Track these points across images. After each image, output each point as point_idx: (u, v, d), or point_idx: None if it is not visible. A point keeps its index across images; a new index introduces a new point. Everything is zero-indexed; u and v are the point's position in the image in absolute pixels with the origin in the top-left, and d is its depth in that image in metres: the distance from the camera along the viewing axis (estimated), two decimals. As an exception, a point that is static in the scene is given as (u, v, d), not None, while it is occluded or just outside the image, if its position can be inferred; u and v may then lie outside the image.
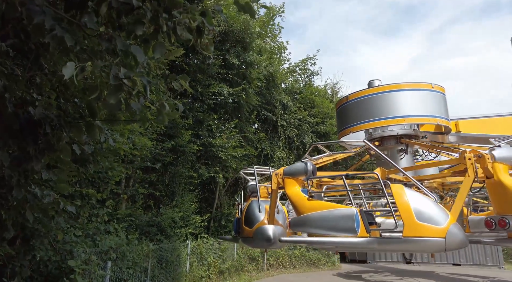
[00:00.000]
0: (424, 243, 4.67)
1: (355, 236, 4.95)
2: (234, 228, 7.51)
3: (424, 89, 7.42)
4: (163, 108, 2.85)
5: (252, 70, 18.89)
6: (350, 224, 5.00)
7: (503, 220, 5.02)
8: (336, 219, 5.15)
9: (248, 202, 7.12)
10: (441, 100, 7.50)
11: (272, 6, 24.11)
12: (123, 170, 9.76)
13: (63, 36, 2.30)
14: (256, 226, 6.49)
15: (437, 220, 4.72)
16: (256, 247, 6.95)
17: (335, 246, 5.28)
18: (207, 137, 16.73)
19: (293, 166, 6.33)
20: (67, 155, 3.94)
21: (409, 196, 4.89)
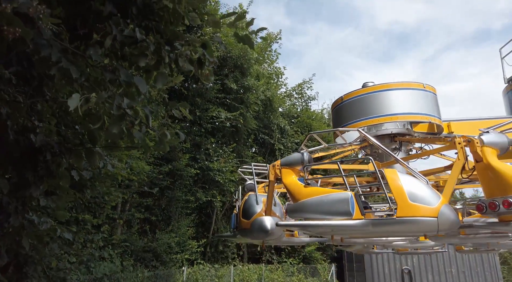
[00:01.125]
0: (417, 223, 4.77)
1: (350, 218, 4.96)
2: (232, 225, 7.57)
3: (415, 88, 7.63)
4: (164, 137, 2.90)
5: (250, 94, 19.15)
6: (345, 207, 5.01)
7: (493, 202, 5.04)
8: (331, 203, 5.16)
9: (245, 196, 7.18)
10: (433, 99, 7.71)
11: (269, 33, 24.75)
12: (119, 194, 9.70)
13: (69, 68, 2.37)
14: (253, 217, 6.54)
15: (429, 201, 4.83)
16: (254, 239, 6.87)
17: (330, 230, 5.28)
18: (205, 160, 16.72)
19: (290, 156, 6.38)
20: (66, 182, 3.95)
21: (402, 179, 5.00)
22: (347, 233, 5.55)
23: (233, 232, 7.38)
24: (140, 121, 2.73)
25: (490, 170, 5.31)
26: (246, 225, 6.65)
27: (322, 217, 5.14)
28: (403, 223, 4.79)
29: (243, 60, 18.63)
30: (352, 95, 7.86)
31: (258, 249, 19.43)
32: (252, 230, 6.38)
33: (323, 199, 5.30)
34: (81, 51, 2.85)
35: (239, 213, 6.98)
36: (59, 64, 2.37)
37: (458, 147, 5.54)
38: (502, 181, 5.15)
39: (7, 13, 1.82)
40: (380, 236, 6.18)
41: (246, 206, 6.91)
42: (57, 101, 4.07)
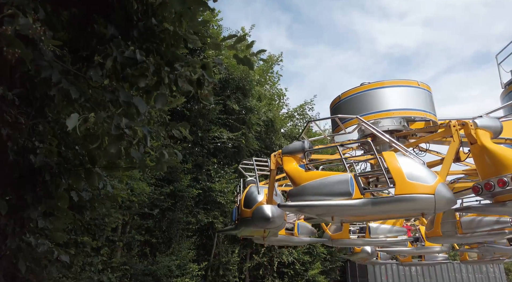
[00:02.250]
0: (415, 200, 4.91)
1: (350, 198, 5.08)
2: (233, 217, 7.72)
3: (410, 86, 7.83)
4: (162, 157, 2.90)
5: (251, 115, 19.25)
6: (345, 187, 5.14)
7: (488, 183, 5.19)
8: (332, 184, 5.29)
9: (246, 188, 7.37)
10: (428, 97, 7.89)
11: (271, 55, 25.15)
12: (120, 216, 9.61)
13: (69, 89, 2.40)
14: (254, 206, 6.69)
15: (426, 179, 5.00)
16: (256, 227, 6.95)
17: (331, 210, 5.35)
18: (206, 181, 16.63)
19: (291, 144, 6.59)
20: (64, 203, 3.92)
21: (400, 160, 5.18)
22: (348, 213, 5.50)
23: (235, 225, 7.43)
24: (139, 141, 2.74)
25: (485, 151, 5.45)
26: (248, 214, 6.76)
27: (323, 199, 5.24)
28: (402, 201, 4.91)
29: (245, 82, 18.85)
30: (350, 93, 8.08)
31: (261, 272, 19.00)
32: (254, 218, 6.49)
33: (323, 181, 5.41)
34: (82, 73, 2.90)
35: (241, 204, 7.06)
36: (59, 85, 2.40)
37: (453, 129, 5.81)
38: (496, 161, 5.26)
39: (8, 34, 1.86)
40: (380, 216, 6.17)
41: (248, 196, 7.05)
42: (58, 122, 4.10)
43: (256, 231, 7.45)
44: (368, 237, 9.85)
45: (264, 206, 6.67)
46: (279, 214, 6.66)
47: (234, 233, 8.00)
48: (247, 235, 8.12)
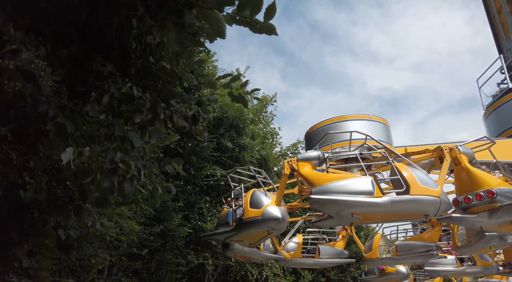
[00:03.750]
0: (426, 201, 6.05)
1: (372, 196, 6.03)
2: (230, 219, 8.14)
3: (366, 119, 9.74)
4: (156, 191, 2.86)
5: (245, 153, 19.30)
6: (367, 187, 6.11)
7: (467, 197, 6.52)
8: (355, 184, 6.22)
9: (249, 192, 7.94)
10: (382, 127, 9.76)
11: (265, 96, 25.73)
12: (107, 257, 9.23)
13: (65, 123, 2.41)
14: (264, 207, 7.27)
15: (432, 185, 6.28)
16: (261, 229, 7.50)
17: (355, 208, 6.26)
18: (198, 220, 16.26)
19: (307, 153, 7.61)
20: (52, 240, 3.79)
21: (410, 169, 6.41)
22: (370, 210, 6.33)
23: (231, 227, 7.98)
24: (132, 175, 2.72)
25: (466, 171, 6.95)
26: (256, 214, 7.33)
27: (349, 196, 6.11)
28: (416, 200, 6.01)
29: (239, 120, 19.10)
30: (318, 126, 10.16)
31: None
32: (264, 218, 7.14)
33: (348, 182, 6.32)
34: (78, 108, 2.93)
35: (246, 205, 7.60)
36: (56, 119, 2.42)
37: (445, 152, 7.40)
38: (474, 180, 6.71)
39: (9, 68, 1.90)
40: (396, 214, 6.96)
41: (255, 197, 7.64)
42: (50, 158, 4.07)
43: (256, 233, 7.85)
44: (317, 258, 11.38)
45: (275, 207, 7.30)
46: (285, 216, 7.44)
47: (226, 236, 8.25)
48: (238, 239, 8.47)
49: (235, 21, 2.85)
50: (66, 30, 2.95)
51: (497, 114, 12.67)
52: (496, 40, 15.56)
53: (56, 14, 2.76)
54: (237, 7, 2.76)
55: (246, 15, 2.72)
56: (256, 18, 2.73)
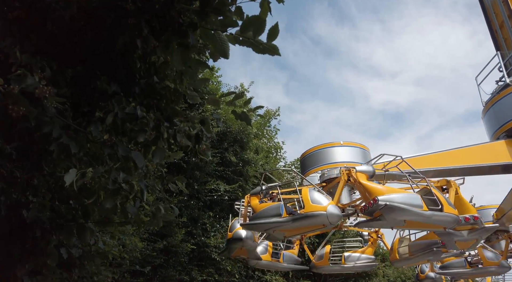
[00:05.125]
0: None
1: (422, 209, 8.00)
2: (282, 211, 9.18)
3: (351, 146, 11.83)
4: (158, 212, 2.84)
5: (249, 167, 19.25)
6: (419, 202, 8.10)
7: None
8: (413, 198, 8.20)
9: (305, 190, 9.19)
10: (363, 153, 11.81)
11: (268, 110, 25.85)
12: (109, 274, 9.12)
13: (69, 144, 2.42)
14: (328, 204, 8.59)
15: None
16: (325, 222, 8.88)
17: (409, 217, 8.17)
18: (201, 236, 16.10)
19: (365, 167, 9.77)
20: (53, 260, 3.75)
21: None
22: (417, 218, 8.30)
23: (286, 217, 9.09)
24: (135, 195, 2.70)
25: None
26: (320, 209, 8.69)
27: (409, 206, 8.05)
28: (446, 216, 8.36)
29: (242, 135, 19.13)
30: (311, 150, 12.27)
31: None
32: (328, 213, 8.45)
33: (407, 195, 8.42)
34: (82, 127, 2.95)
35: (306, 200, 8.87)
36: (60, 139, 2.42)
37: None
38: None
39: (15, 93, 1.92)
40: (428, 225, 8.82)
41: (316, 196, 8.94)
42: (54, 176, 4.07)
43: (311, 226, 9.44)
44: (343, 264, 13.38)
45: (336, 206, 8.88)
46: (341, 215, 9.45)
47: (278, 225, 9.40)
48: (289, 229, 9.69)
49: (238, 41, 2.87)
50: (72, 50, 2.99)
51: (494, 110, 12.89)
52: (498, 54, 15.58)
53: (62, 36, 2.81)
54: (241, 28, 2.80)
55: (249, 36, 2.74)
56: (259, 39, 2.76)
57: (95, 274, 8.41)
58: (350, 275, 23.94)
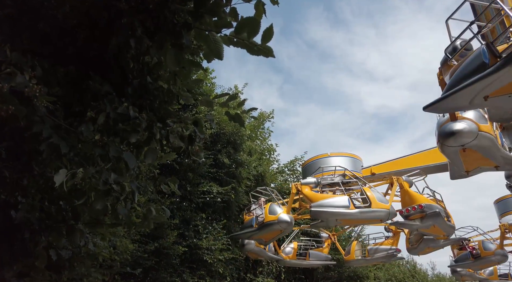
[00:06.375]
0: (381, 211, 10.13)
1: (349, 208, 9.89)
2: (253, 223, 11.61)
3: (344, 156, 14.01)
4: (149, 214, 2.81)
5: (242, 169, 19.20)
6: (346, 203, 10.10)
7: (407, 209, 10.54)
8: (339, 201, 10.28)
9: (267, 205, 11.85)
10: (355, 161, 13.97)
11: (262, 112, 25.83)
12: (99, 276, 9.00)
13: (59, 144, 2.38)
14: (279, 214, 10.97)
15: (385, 201, 10.66)
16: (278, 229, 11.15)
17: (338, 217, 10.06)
18: (193, 238, 16.00)
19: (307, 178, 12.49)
20: (42, 262, 3.69)
21: (372, 190, 10.61)
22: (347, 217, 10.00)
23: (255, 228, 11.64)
24: (126, 197, 2.67)
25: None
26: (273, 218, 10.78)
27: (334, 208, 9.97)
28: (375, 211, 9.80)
29: (236, 136, 19.09)
30: (312, 159, 14.66)
31: None
32: (279, 220, 10.78)
33: (334, 199, 10.35)
34: (74, 127, 2.91)
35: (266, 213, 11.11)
36: (50, 139, 2.39)
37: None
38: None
39: (3, 92, 1.88)
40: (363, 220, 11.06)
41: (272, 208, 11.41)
42: (44, 176, 4.01)
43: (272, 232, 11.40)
44: (308, 260, 15.81)
45: (285, 214, 10.97)
46: (292, 220, 11.51)
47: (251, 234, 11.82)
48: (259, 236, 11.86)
49: (232, 43, 2.87)
50: (64, 50, 2.95)
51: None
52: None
53: (54, 35, 2.77)
54: (235, 29, 2.79)
55: (243, 38, 2.74)
56: (253, 41, 2.75)
57: (85, 276, 8.29)
58: (342, 277, 24.02)
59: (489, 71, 4.62)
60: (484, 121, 6.86)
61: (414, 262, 35.01)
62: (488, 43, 4.94)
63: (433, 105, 5.35)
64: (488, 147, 6.80)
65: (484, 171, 7.83)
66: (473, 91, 4.89)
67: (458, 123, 6.67)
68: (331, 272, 23.83)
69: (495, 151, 6.97)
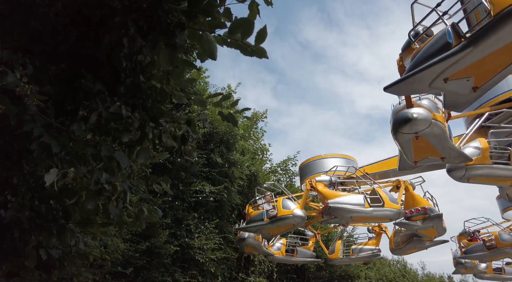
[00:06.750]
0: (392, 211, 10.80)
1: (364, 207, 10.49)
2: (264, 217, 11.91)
3: (341, 158, 14.82)
4: (141, 214, 2.80)
5: (234, 169, 19.19)
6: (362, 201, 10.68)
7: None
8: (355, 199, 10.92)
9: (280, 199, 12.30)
10: (349, 162, 14.60)
11: (256, 112, 25.83)
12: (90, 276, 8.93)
13: (50, 143, 2.36)
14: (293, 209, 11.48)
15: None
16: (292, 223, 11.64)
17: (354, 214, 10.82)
18: (185, 237, 15.95)
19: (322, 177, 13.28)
20: (32, 261, 3.65)
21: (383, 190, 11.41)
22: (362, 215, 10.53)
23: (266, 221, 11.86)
24: (118, 197, 2.66)
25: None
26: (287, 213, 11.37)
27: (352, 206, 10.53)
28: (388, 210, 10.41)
29: (229, 136, 19.06)
30: (309, 161, 15.39)
31: None
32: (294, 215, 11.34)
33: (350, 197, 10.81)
34: (65, 126, 2.88)
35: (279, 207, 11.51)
36: (41, 138, 2.37)
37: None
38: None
39: (-6, 90, 1.87)
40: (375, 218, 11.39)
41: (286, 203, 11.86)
42: (34, 175, 3.97)
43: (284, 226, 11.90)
44: (295, 256, 16.29)
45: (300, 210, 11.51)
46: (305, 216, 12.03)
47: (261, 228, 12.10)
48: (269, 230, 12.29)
49: (226, 43, 2.87)
50: (56, 48, 2.93)
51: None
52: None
53: (46, 33, 2.75)
54: (229, 30, 2.79)
55: (237, 38, 2.74)
56: (247, 41, 2.76)
57: (75, 276, 8.20)
58: (333, 277, 24.15)
59: (453, 51, 4.66)
60: (436, 111, 6.92)
61: (405, 262, 35.33)
62: (454, 24, 5.15)
63: (394, 85, 5.33)
64: (439, 136, 6.85)
65: (431, 162, 7.89)
66: (435, 71, 4.89)
67: (414, 109, 6.63)
68: (323, 272, 23.97)
69: (444, 142, 7.04)
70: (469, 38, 4.67)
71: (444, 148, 7.13)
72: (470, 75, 5.02)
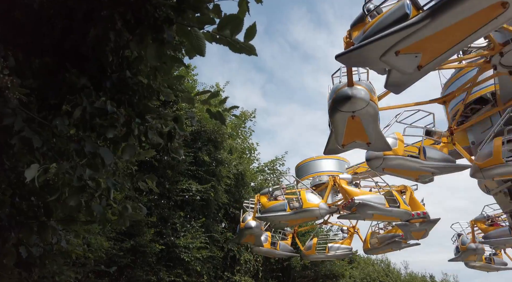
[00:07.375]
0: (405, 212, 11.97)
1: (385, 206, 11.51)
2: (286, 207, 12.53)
3: (333, 159, 15.62)
4: (125, 211, 2.75)
5: (222, 168, 19.12)
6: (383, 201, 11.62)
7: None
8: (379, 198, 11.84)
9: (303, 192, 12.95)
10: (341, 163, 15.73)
11: (244, 111, 25.80)
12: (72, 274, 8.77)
13: (31, 138, 2.30)
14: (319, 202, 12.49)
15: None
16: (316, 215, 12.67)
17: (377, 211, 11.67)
18: (171, 236, 15.83)
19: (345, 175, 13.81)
20: (11, 259, 3.56)
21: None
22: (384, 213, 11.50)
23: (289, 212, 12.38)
24: (101, 194, 2.60)
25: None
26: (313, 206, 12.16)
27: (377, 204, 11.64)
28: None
29: (217, 134, 18.98)
30: (304, 161, 16.46)
31: None
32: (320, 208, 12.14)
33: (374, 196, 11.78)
34: (48, 121, 2.81)
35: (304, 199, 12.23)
36: (22, 133, 2.30)
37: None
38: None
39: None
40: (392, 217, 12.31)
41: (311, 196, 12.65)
42: (15, 170, 3.86)
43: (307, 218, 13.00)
44: (327, 253, 17.30)
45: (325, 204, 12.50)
46: None
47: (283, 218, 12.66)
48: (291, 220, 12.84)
49: (215, 39, 2.84)
50: (40, 40, 2.85)
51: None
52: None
53: (29, 25, 2.67)
54: (218, 26, 2.76)
55: (226, 35, 2.71)
56: (236, 38, 2.74)
57: (57, 274, 8.03)
58: (318, 276, 24.32)
59: (410, 22, 4.65)
60: (373, 93, 7.12)
61: (388, 262, 35.84)
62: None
63: (345, 54, 5.30)
64: (372, 117, 7.05)
65: (358, 147, 8.05)
66: (389, 42, 4.88)
67: (355, 88, 6.79)
68: (308, 271, 24.12)
69: (375, 125, 7.27)
70: (427, 10, 4.63)
71: (373, 133, 7.38)
72: (420, 51, 5.05)
